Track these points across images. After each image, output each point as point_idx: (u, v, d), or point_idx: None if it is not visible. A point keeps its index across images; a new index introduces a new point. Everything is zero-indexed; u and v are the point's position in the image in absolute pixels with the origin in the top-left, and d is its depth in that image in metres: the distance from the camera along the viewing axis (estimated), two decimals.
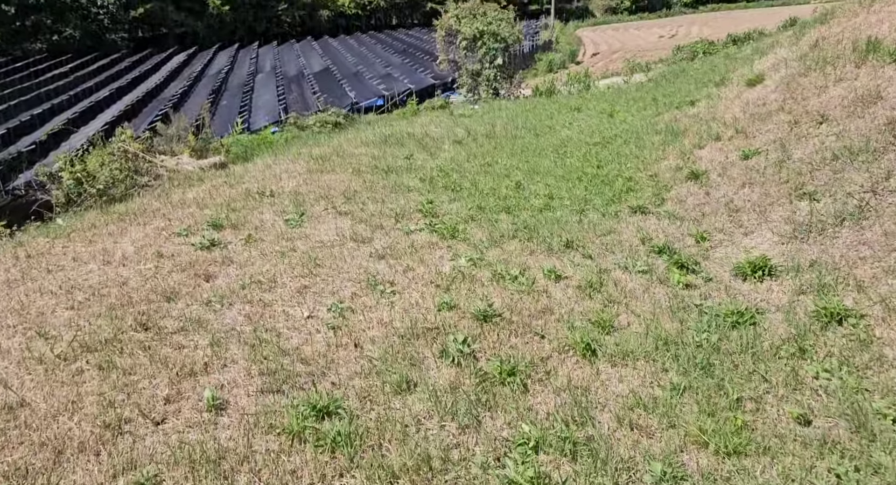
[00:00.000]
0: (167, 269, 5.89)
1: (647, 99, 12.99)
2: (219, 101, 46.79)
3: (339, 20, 76.59)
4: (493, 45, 18.03)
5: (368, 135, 11.82)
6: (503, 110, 13.86)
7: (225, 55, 63.26)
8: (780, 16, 69.33)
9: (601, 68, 48.73)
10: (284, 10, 71.46)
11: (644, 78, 33.51)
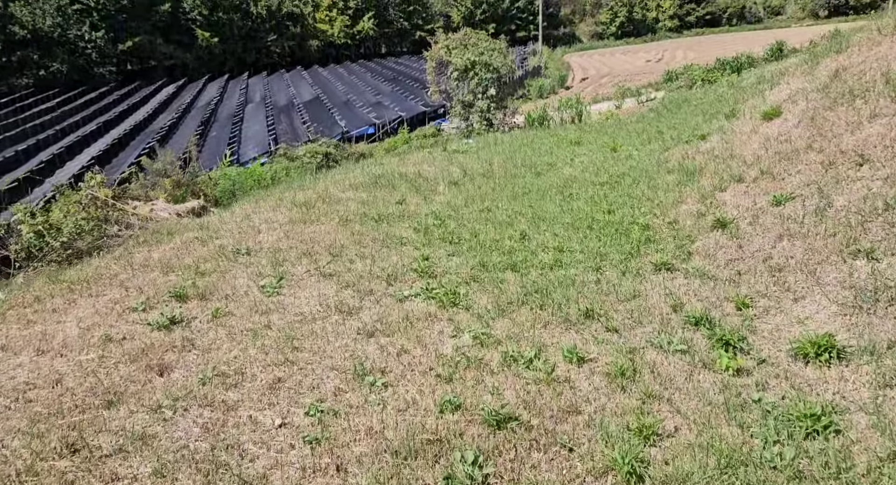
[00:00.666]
0: (114, 359, 4.90)
1: (651, 131, 12.23)
2: (208, 132, 46.04)
3: (329, 50, 76.52)
4: (486, 76, 17.32)
5: (357, 175, 10.94)
6: (499, 145, 13.04)
7: (214, 86, 62.77)
8: (764, 40, 69.86)
9: (591, 93, 48.48)
10: (274, 40, 71.29)
11: (640, 105, 32.93)
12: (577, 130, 13.96)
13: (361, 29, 75.80)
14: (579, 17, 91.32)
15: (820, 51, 10.52)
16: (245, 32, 69.82)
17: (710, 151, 8.94)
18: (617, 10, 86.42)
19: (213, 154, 39.43)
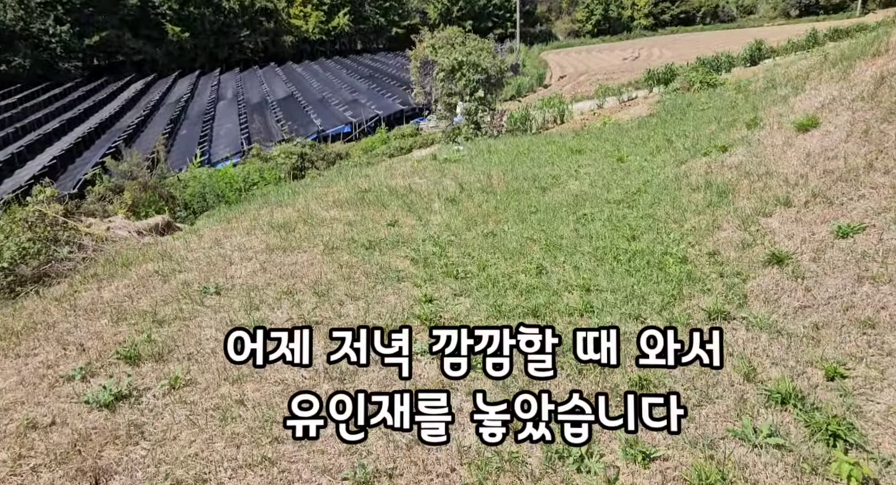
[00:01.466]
0: (35, 460, 3.69)
1: (658, 139, 11.24)
2: (178, 130, 44.07)
3: (304, 46, 74.51)
4: (474, 77, 16.19)
5: (342, 189, 9.74)
6: (494, 153, 11.95)
7: (185, 83, 60.51)
8: (738, 39, 70.02)
9: (570, 91, 47.65)
10: (247, 36, 69.08)
11: (622, 104, 32.09)
12: (575, 137, 12.93)
13: (336, 25, 73.96)
14: (555, 15, 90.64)
15: (850, 52, 9.61)
16: (217, 27, 67.51)
17: (739, 167, 7.96)
18: (593, 7, 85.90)
19: (183, 153, 37.62)
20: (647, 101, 30.76)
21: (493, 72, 16.57)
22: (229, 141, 39.70)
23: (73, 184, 30.44)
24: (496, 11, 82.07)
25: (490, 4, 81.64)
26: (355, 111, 43.68)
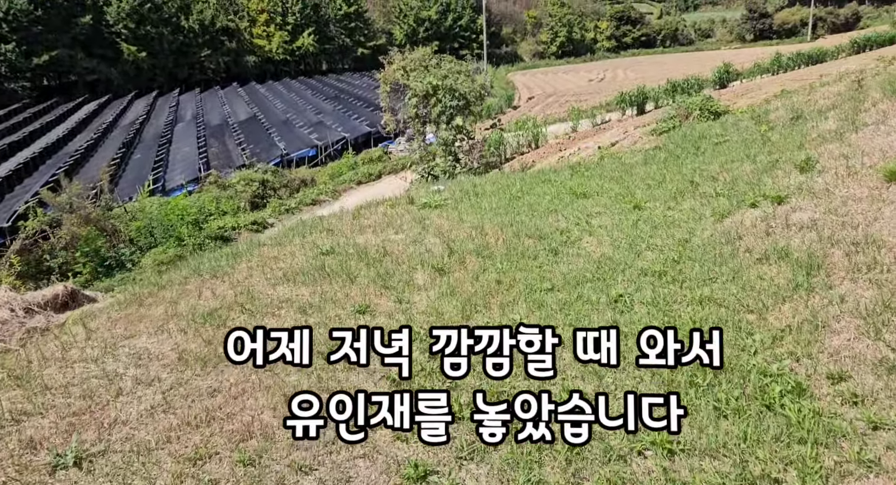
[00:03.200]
0: None
1: (677, 180, 9.32)
2: (131, 155, 40.96)
3: (267, 66, 71.86)
4: (450, 103, 14.14)
5: (297, 251, 7.48)
6: (482, 197, 9.84)
7: (142, 103, 57.25)
8: (699, 61, 70.21)
9: (539, 113, 46.27)
10: (208, 56, 66.14)
11: (596, 128, 30.45)
12: (573, 175, 10.93)
13: (301, 45, 71.62)
14: (520, 37, 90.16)
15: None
16: (176, 47, 64.43)
17: (814, 227, 6.01)
18: (557, 30, 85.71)
19: (136, 180, 34.62)
20: (637, 128, 29.25)
21: (472, 97, 14.56)
22: (186, 166, 36.82)
23: (7, 216, 27.29)
24: (462, 33, 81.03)
25: (456, 26, 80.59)
26: (321, 134, 41.30)
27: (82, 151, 39.74)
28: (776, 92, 15.82)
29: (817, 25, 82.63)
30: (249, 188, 29.09)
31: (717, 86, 41.39)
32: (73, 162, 36.84)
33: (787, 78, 41.20)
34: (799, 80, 38.51)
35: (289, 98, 57.87)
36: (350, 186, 30.14)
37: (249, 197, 28.58)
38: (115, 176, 35.42)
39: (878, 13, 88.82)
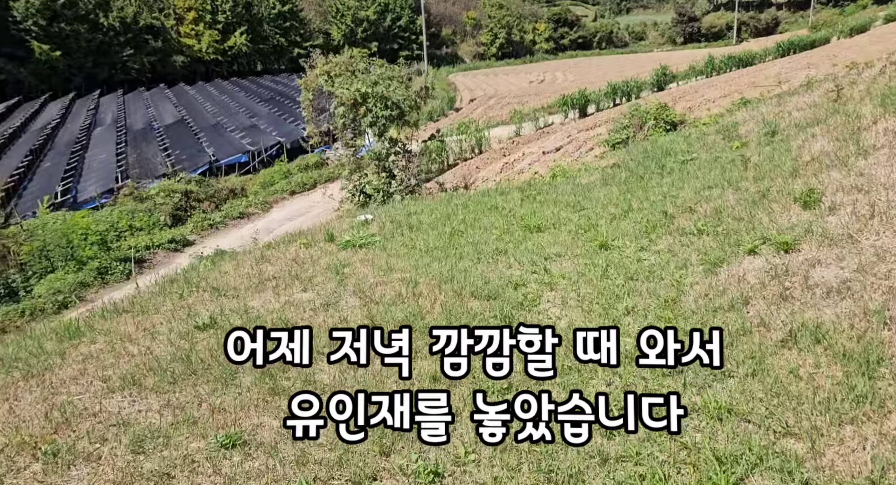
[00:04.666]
0: None
1: (646, 209, 7.78)
2: (39, 163, 36.86)
3: (197, 66, 67.47)
4: (382, 113, 12.18)
5: (162, 328, 5.44)
6: (417, 232, 8.00)
7: (56, 106, 52.30)
8: (633, 63, 70.69)
9: (482, 115, 44.80)
10: (131, 55, 61.33)
11: (539, 132, 28.94)
12: (524, 199, 9.24)
13: (233, 44, 67.62)
14: (460, 38, 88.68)
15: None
16: (95, 46, 59.39)
17: (846, 290, 4.49)
18: (496, 31, 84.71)
19: (44, 191, 30.87)
20: (581, 132, 28.00)
21: (407, 106, 12.64)
22: (102, 175, 33.24)
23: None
24: (402, 33, 78.79)
25: (396, 26, 78.28)
26: (254, 138, 38.34)
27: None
28: (735, 100, 14.69)
29: (741, 29, 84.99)
30: (171, 200, 26.19)
31: (654, 88, 41.04)
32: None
33: (720, 80, 41.31)
34: (730, 83, 38.59)
35: (220, 100, 54.28)
36: (282, 197, 27.69)
37: (171, 210, 25.69)
38: (17, 188, 31.59)
39: (795, 18, 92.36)
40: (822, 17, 75.85)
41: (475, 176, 26.36)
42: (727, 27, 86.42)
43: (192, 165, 33.45)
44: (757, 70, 43.11)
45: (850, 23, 61.99)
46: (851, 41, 51.97)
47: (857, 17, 70.47)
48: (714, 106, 29.80)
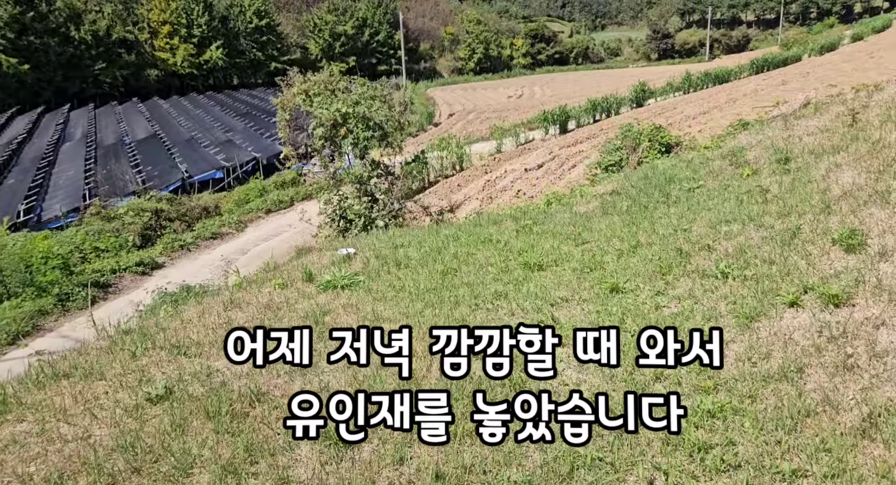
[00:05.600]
0: None
1: (657, 244, 7.08)
2: (2, 180, 35.17)
3: (171, 80, 65.96)
4: (364, 134, 11.33)
5: (106, 401, 4.52)
6: (405, 270, 7.18)
7: (24, 121, 50.42)
8: (613, 78, 71.19)
9: (461, 130, 44.27)
10: (103, 69, 59.64)
11: (520, 148, 28.13)
12: (519, 230, 8.48)
13: (209, 58, 66.33)
14: (439, 53, 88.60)
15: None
16: (65, 60, 57.62)
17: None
18: (474, 46, 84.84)
19: (6, 209, 29.32)
20: (563, 148, 27.40)
21: (390, 127, 11.82)
22: (69, 193, 31.72)
23: None
24: (380, 48, 78.36)
25: (374, 41, 77.83)
26: (229, 154, 37.16)
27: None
28: (731, 121, 14.20)
29: (714, 46, 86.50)
30: (140, 220, 24.93)
31: (634, 104, 41.03)
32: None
33: (697, 97, 41.49)
34: (708, 100, 38.75)
35: (195, 114, 52.96)
36: (258, 216, 26.63)
37: (140, 230, 24.42)
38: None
39: (765, 36, 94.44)
40: (791, 35, 77.50)
41: (457, 194, 25.66)
42: (700, 44, 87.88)
43: (165, 182, 32.17)
44: (733, 87, 43.45)
45: (820, 41, 63.28)
46: (823, 59, 52.91)
47: (826, 35, 72.13)
48: (694, 123, 29.69)
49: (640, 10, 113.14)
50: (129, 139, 43.82)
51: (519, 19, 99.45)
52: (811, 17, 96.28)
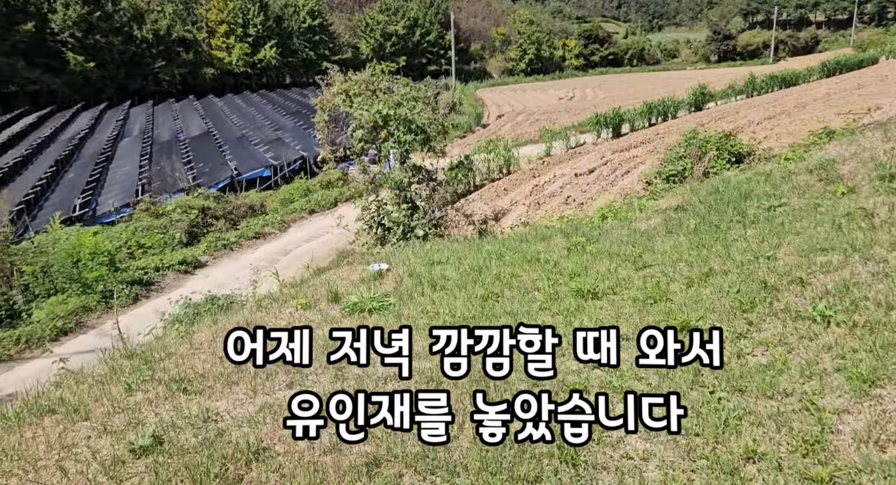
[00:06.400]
0: None
1: (734, 273, 6.05)
2: (63, 173, 36.32)
3: (227, 78, 67.40)
4: (406, 138, 10.59)
5: (85, 451, 3.89)
6: (441, 293, 6.37)
7: (87, 116, 52.32)
8: (668, 81, 68.53)
9: (510, 132, 43.19)
10: (162, 67, 61.44)
11: (571, 152, 26.81)
12: (570, 248, 7.55)
13: (263, 57, 67.43)
14: (489, 53, 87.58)
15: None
16: (128, 58, 59.61)
17: None
18: (526, 47, 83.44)
19: (65, 203, 30.19)
20: (616, 153, 26.01)
21: (434, 131, 11.01)
22: (123, 188, 32.39)
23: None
24: (430, 48, 78.00)
25: (424, 41, 77.54)
26: (277, 152, 37.29)
27: (6, 168, 34.99)
28: (805, 128, 12.81)
29: (779, 48, 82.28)
30: (187, 217, 25.03)
31: (692, 108, 39.07)
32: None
33: (762, 101, 39.13)
34: (774, 104, 36.40)
35: (247, 112, 53.77)
36: (301, 216, 26.36)
37: (186, 227, 24.50)
38: (38, 199, 30.93)
39: (835, 37, 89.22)
40: (866, 36, 72.85)
41: (503, 199, 24.71)
42: (764, 46, 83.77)
43: (214, 179, 32.45)
44: (802, 90, 40.80)
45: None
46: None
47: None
48: (759, 128, 27.74)
49: (700, 10, 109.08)
50: (184, 136, 44.72)
51: (572, 20, 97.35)
52: (888, 17, 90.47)
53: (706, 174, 10.59)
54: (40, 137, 44.05)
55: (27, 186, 31.87)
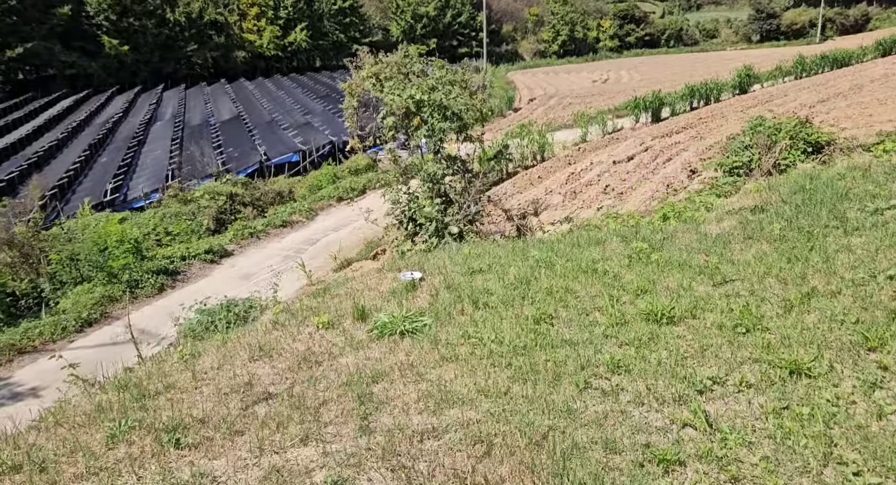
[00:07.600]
0: None
1: (845, 294, 4.93)
2: (97, 158, 36.28)
3: (257, 61, 66.88)
4: (441, 125, 9.54)
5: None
6: (484, 311, 5.40)
7: (121, 100, 52.45)
8: (707, 62, 65.43)
9: (541, 116, 41.60)
10: (195, 50, 61.18)
11: (608, 139, 25.23)
12: (627, 255, 6.47)
13: (293, 40, 66.65)
14: (521, 35, 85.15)
15: None
16: (161, 41, 59.48)
17: None
18: (559, 28, 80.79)
19: (97, 187, 30.08)
20: (656, 139, 24.33)
21: (470, 118, 9.91)
22: (154, 173, 32.12)
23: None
24: (461, 30, 76.10)
25: (455, 23, 75.65)
26: (306, 136, 36.58)
27: (42, 152, 35.06)
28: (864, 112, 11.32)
29: (826, 26, 77.89)
30: (215, 203, 24.49)
31: (736, 90, 36.90)
32: (28, 166, 32.19)
33: (812, 83, 36.70)
34: (826, 86, 34.04)
35: (277, 96, 53.19)
36: (329, 204, 25.61)
37: (214, 214, 23.98)
38: (71, 183, 30.85)
39: (887, 15, 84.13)
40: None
41: (538, 187, 23.50)
42: (810, 24, 79.45)
43: (243, 164, 31.93)
44: (855, 71, 38.14)
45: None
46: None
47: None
48: (812, 112, 25.84)
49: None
50: (214, 120, 44.37)
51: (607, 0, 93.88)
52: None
53: (776, 167, 9.30)
54: (76, 121, 44.23)
55: (61, 171, 31.82)
